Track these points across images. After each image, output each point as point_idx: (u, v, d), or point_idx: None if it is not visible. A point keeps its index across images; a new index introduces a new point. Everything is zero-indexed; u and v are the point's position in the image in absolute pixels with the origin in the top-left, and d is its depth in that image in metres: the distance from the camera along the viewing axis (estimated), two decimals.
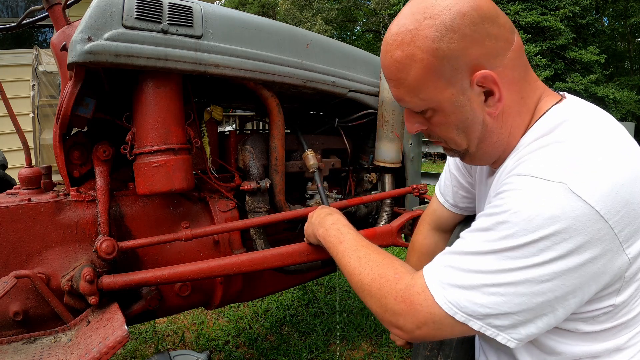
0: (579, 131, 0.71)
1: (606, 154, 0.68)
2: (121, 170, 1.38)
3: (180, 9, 1.22)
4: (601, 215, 0.64)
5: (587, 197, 0.63)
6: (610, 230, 0.65)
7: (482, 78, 0.72)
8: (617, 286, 0.71)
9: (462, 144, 0.81)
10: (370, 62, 1.77)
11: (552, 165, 0.67)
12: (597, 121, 0.74)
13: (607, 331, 0.76)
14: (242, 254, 1.34)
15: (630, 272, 0.70)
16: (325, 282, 3.16)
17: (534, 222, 0.64)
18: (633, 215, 0.66)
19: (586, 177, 0.65)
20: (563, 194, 0.64)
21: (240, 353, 2.25)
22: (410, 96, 0.77)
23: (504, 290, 0.67)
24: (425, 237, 1.27)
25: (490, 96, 0.74)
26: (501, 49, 0.72)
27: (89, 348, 1.02)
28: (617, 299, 0.73)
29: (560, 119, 0.74)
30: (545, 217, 0.64)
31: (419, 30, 0.71)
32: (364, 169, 1.92)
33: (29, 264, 1.18)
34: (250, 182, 1.47)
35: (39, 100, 3.93)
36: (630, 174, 0.67)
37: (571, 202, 0.64)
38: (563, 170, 0.66)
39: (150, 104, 1.24)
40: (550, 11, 14.63)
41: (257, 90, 1.43)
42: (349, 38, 28.13)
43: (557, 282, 0.66)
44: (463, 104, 0.74)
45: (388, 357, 2.20)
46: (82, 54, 1.07)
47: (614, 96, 14.94)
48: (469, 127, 0.77)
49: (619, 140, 0.72)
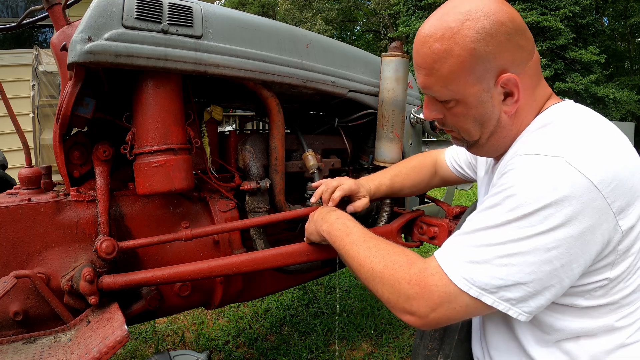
0: (575, 119, 0.81)
1: (598, 136, 0.77)
2: (121, 170, 1.39)
3: (180, 9, 1.22)
4: (595, 186, 0.70)
5: (582, 169, 0.71)
6: (604, 200, 0.71)
7: (507, 80, 0.81)
8: (612, 259, 0.76)
9: (475, 135, 0.89)
10: (370, 62, 1.77)
11: (550, 143, 0.76)
12: (592, 116, 0.83)
13: (602, 307, 0.80)
14: (242, 254, 1.34)
15: (623, 245, 0.75)
16: (325, 282, 3.16)
17: (537, 192, 0.71)
18: (623, 189, 0.73)
19: (581, 152, 0.73)
20: (562, 167, 0.71)
21: (240, 353, 2.25)
22: (439, 85, 0.84)
23: (514, 260, 0.72)
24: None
25: (509, 97, 0.83)
26: (525, 59, 0.82)
27: (89, 348, 1.02)
28: (611, 273, 0.77)
29: (558, 113, 0.84)
30: (547, 188, 0.71)
31: (461, 29, 0.78)
32: (364, 169, 1.92)
33: (29, 264, 1.18)
34: (250, 182, 1.47)
35: (39, 100, 3.92)
36: (619, 153, 0.76)
37: (569, 173, 0.71)
38: (560, 147, 0.74)
39: (150, 104, 1.24)
40: (550, 11, 14.61)
41: (257, 90, 1.43)
42: (349, 38, 28.13)
43: (562, 250, 0.71)
44: (486, 100, 0.83)
45: (388, 357, 2.20)
46: (82, 54, 1.07)
47: (614, 96, 14.93)
48: (486, 121, 0.86)
49: (611, 130, 0.80)
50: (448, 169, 1.38)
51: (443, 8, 0.83)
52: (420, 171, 1.42)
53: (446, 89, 0.84)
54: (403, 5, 17.97)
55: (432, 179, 1.44)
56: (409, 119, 1.92)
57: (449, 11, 0.81)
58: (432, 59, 0.82)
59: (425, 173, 1.43)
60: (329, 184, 1.30)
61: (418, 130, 2.01)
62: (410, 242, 1.71)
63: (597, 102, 15.45)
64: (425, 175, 1.43)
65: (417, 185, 1.44)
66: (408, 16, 17.63)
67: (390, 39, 20.15)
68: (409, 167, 1.43)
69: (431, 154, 1.46)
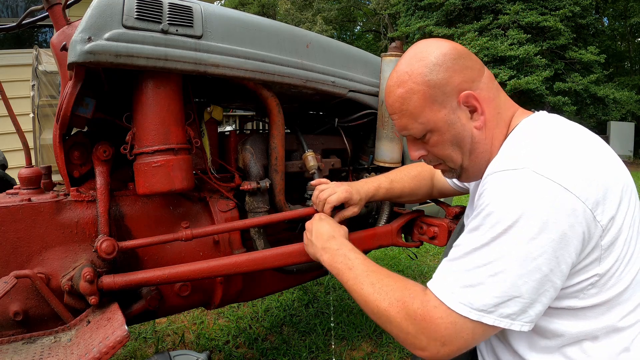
0: (543, 130, 0.87)
1: (564, 141, 0.83)
2: (121, 170, 1.38)
3: (180, 9, 1.22)
4: (564, 187, 0.74)
5: (548, 175, 0.75)
6: (576, 199, 0.74)
7: (466, 97, 0.90)
8: (597, 254, 0.79)
9: (457, 160, 0.96)
10: (370, 62, 1.77)
11: (516, 156, 0.81)
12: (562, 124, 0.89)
13: (599, 307, 0.81)
14: (242, 254, 1.34)
15: (606, 240, 0.78)
16: (325, 282, 3.16)
17: (511, 206, 0.75)
18: (593, 186, 0.76)
19: (545, 159, 0.78)
20: (529, 176, 0.76)
21: (240, 353, 2.25)
22: (412, 123, 0.94)
23: (505, 276, 0.75)
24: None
25: (474, 112, 0.91)
26: (476, 76, 0.92)
27: (89, 348, 1.02)
28: (599, 268, 0.79)
29: (528, 126, 0.90)
30: (519, 199, 0.75)
31: (413, 70, 0.91)
32: (364, 169, 1.92)
33: (29, 264, 1.18)
34: (250, 182, 1.47)
35: (39, 100, 3.92)
36: (585, 154, 0.80)
37: (537, 181, 0.75)
38: (525, 159, 0.79)
39: (150, 104, 1.24)
40: (550, 11, 14.59)
41: (257, 90, 1.43)
42: (349, 38, 28.13)
43: (548, 255, 0.74)
44: (454, 121, 0.92)
45: (388, 357, 2.20)
46: (82, 54, 1.07)
47: (614, 96, 14.91)
48: (461, 140, 0.93)
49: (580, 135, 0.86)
50: (445, 182, 1.40)
51: (398, 63, 0.96)
52: (420, 181, 1.44)
53: (418, 124, 0.93)
54: (403, 5, 17.95)
55: (430, 190, 1.46)
56: None
57: (402, 62, 0.95)
58: (399, 102, 0.94)
59: (424, 184, 1.44)
60: (320, 196, 1.32)
61: None
62: (410, 242, 1.71)
63: (597, 102, 15.44)
64: (424, 185, 1.44)
65: (415, 194, 1.45)
66: (408, 16, 17.62)
67: (390, 39, 20.15)
68: (410, 176, 1.44)
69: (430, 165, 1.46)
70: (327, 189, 1.33)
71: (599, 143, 0.86)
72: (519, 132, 0.90)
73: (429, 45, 0.93)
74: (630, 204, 0.82)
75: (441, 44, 0.92)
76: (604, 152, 0.85)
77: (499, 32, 14.73)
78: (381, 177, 1.43)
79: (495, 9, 15.01)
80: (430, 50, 0.91)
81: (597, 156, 0.82)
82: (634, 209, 0.83)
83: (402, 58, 0.96)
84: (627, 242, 0.81)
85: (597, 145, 0.85)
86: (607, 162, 0.82)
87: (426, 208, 1.96)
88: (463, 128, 0.92)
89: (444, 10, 15.89)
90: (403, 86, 0.92)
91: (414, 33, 17.08)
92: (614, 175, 0.81)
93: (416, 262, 3.69)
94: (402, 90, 0.92)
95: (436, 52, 0.90)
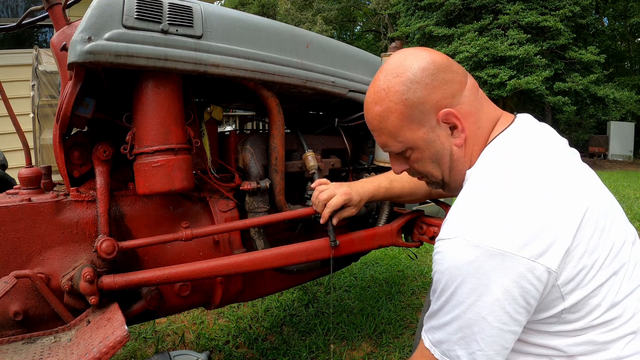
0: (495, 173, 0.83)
1: (509, 194, 0.78)
2: (121, 170, 1.38)
3: (180, 9, 1.22)
4: (496, 248, 0.74)
5: (479, 241, 0.75)
6: (512, 256, 0.74)
7: (445, 115, 0.87)
8: (557, 294, 0.78)
9: (438, 175, 0.96)
10: (370, 62, 1.77)
11: (453, 224, 0.81)
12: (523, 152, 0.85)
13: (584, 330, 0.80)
14: (242, 254, 1.35)
15: (563, 279, 0.77)
16: (325, 282, 3.17)
17: (450, 274, 0.78)
18: (535, 236, 0.74)
19: (475, 225, 0.77)
20: (460, 245, 0.77)
21: (240, 353, 2.25)
22: (391, 140, 0.93)
23: (465, 335, 0.78)
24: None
25: (455, 129, 0.89)
26: (457, 90, 0.88)
27: (89, 348, 1.02)
28: (565, 303, 0.79)
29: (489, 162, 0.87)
30: (454, 268, 0.77)
31: (390, 87, 0.88)
32: (364, 169, 1.92)
33: (29, 264, 1.18)
34: (250, 182, 1.47)
35: (39, 100, 3.92)
36: (533, 200, 0.77)
37: (468, 248, 0.76)
38: (458, 226, 0.79)
39: (150, 104, 1.24)
40: (550, 11, 14.60)
41: (257, 90, 1.43)
42: (349, 38, 28.13)
43: (497, 312, 0.76)
44: (433, 139, 0.90)
45: (388, 357, 2.20)
46: (82, 54, 1.07)
47: (614, 96, 14.92)
48: (440, 158, 0.92)
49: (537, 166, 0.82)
50: None
51: (377, 75, 0.93)
52: (419, 181, 1.43)
53: (397, 142, 0.92)
54: (403, 5, 17.96)
55: (429, 190, 1.45)
56: None
57: (379, 77, 0.92)
58: (377, 120, 0.92)
59: (423, 184, 1.44)
60: (320, 197, 1.33)
61: None
62: (410, 242, 1.71)
63: (597, 102, 15.44)
64: (423, 185, 1.43)
65: (415, 194, 1.45)
66: (408, 16, 17.62)
67: (390, 39, 20.15)
68: (409, 176, 1.43)
69: None
70: (326, 191, 1.33)
71: (563, 163, 0.84)
72: (485, 164, 0.87)
73: (407, 59, 0.89)
74: (596, 227, 0.79)
75: (419, 58, 0.88)
76: (566, 175, 0.82)
77: (499, 32, 14.74)
78: (381, 177, 1.43)
79: (495, 9, 15.02)
80: (407, 64, 0.88)
81: (553, 190, 0.78)
82: (601, 230, 0.80)
83: (379, 71, 0.93)
84: (597, 267, 0.79)
85: (559, 169, 0.82)
86: (564, 194, 0.78)
87: (426, 208, 1.96)
88: (442, 146, 0.91)
89: (444, 10, 15.90)
90: (380, 104, 0.90)
91: (414, 33, 17.10)
92: (571, 207, 0.78)
93: (416, 262, 3.69)
94: (380, 109, 0.90)
95: (414, 66, 0.87)
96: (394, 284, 3.17)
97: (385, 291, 3.02)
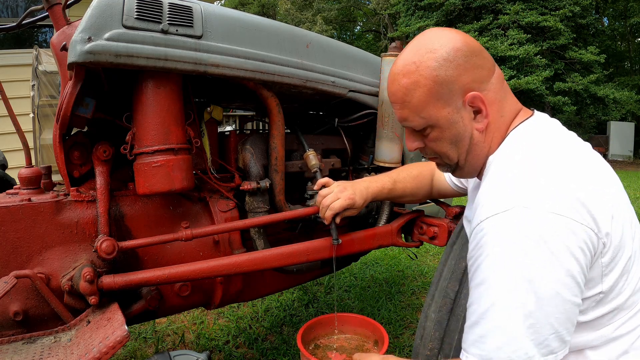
0: (528, 152, 0.84)
1: (556, 164, 0.80)
2: (121, 170, 1.38)
3: (180, 9, 1.22)
4: (558, 214, 0.73)
5: (539, 207, 0.74)
6: (569, 221, 0.73)
7: (472, 98, 0.87)
8: (598, 272, 0.78)
9: (453, 157, 0.95)
10: (370, 62, 1.77)
11: (508, 193, 0.79)
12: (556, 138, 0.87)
13: (600, 318, 0.81)
14: (242, 254, 1.35)
15: (606, 258, 0.78)
16: (325, 282, 3.16)
17: (515, 249, 0.73)
18: (586, 206, 0.75)
19: (532, 190, 0.76)
20: (522, 213, 0.74)
21: (240, 353, 2.25)
22: (413, 115, 0.91)
23: (536, 320, 0.73)
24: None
25: (478, 114, 0.89)
26: (485, 77, 0.89)
27: (89, 348, 1.02)
28: (603, 286, 0.79)
29: (523, 141, 0.88)
30: (521, 241, 0.73)
31: (422, 61, 0.87)
32: (364, 169, 1.92)
33: (29, 264, 1.18)
34: (250, 182, 1.47)
35: (39, 100, 3.92)
36: (576, 175, 0.78)
37: (532, 217, 0.74)
38: (516, 195, 0.77)
39: (150, 104, 1.24)
40: (550, 11, 14.59)
41: (257, 90, 1.43)
42: (349, 38, 28.13)
43: (570, 284, 0.73)
44: (457, 120, 0.89)
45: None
46: (82, 54, 1.07)
47: (614, 96, 14.91)
48: (460, 140, 0.92)
49: (574, 152, 0.84)
50: (445, 182, 1.40)
51: (406, 48, 0.92)
52: (420, 181, 1.43)
53: (419, 117, 0.90)
54: (403, 5, 17.96)
55: (430, 191, 1.46)
56: None
57: (411, 49, 0.90)
58: (402, 92, 0.90)
59: (425, 184, 1.44)
60: (324, 202, 1.31)
61: None
62: (410, 242, 1.71)
63: (597, 102, 15.43)
64: (425, 186, 1.44)
65: (416, 194, 1.45)
66: (408, 16, 17.62)
67: (390, 39, 20.14)
68: (412, 176, 1.43)
69: (430, 165, 1.46)
70: (330, 195, 1.32)
71: (588, 156, 0.85)
72: (515, 146, 0.88)
73: (442, 37, 0.87)
74: (625, 218, 0.81)
75: (454, 37, 0.87)
76: (594, 166, 0.83)
77: (499, 32, 14.73)
78: (385, 178, 1.42)
79: (495, 9, 15.01)
80: (442, 42, 0.86)
81: (585, 173, 0.80)
82: (630, 221, 0.83)
83: (410, 44, 0.91)
84: (628, 256, 0.81)
85: (586, 159, 0.84)
86: (595, 179, 0.80)
87: (426, 208, 1.96)
88: (464, 128, 0.90)
89: (444, 10, 15.89)
90: (409, 77, 0.88)
91: (414, 33, 17.06)
92: (603, 192, 0.79)
93: (416, 262, 3.69)
94: (407, 81, 0.88)
95: (448, 45, 0.86)
96: (394, 284, 3.17)
97: (385, 291, 3.02)
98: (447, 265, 1.28)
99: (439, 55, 0.86)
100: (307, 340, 1.37)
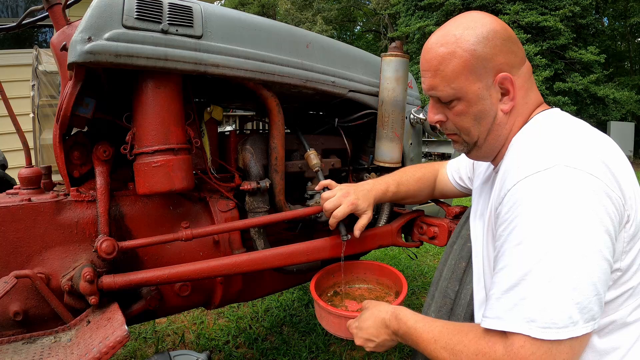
0: (559, 124, 0.89)
1: (583, 134, 0.85)
2: (121, 170, 1.38)
3: (180, 9, 1.22)
4: (595, 176, 0.76)
5: (580, 166, 0.76)
6: (604, 185, 0.76)
7: (503, 79, 0.90)
8: (620, 248, 0.79)
9: (474, 134, 0.96)
10: (370, 62, 1.77)
11: (542, 155, 0.81)
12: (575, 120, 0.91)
13: (612, 302, 0.81)
14: (242, 254, 1.34)
15: (629, 233, 0.80)
16: None
17: (558, 207, 0.74)
18: (615, 178, 0.78)
19: (571, 151, 0.79)
20: (563, 171, 0.76)
21: (240, 353, 2.25)
22: (444, 85, 0.93)
23: (579, 282, 0.72)
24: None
25: (505, 95, 0.92)
26: (518, 63, 0.92)
27: (89, 348, 1.02)
28: (622, 263, 0.80)
29: (545, 119, 0.92)
30: (560, 198, 0.74)
31: (462, 35, 0.90)
32: (364, 169, 1.92)
33: (29, 264, 1.18)
34: (250, 182, 1.47)
35: (39, 100, 3.92)
36: (601, 145, 0.83)
37: (572, 173, 0.76)
38: (552, 155, 0.79)
39: (150, 104, 1.24)
40: (550, 11, 14.60)
41: (257, 90, 1.43)
42: (349, 38, 28.12)
43: (607, 241, 0.74)
44: (485, 97, 0.92)
45: (388, 357, 2.20)
46: (82, 54, 1.07)
47: (614, 96, 14.92)
48: (484, 118, 0.94)
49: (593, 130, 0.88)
50: (448, 183, 1.40)
51: (446, 24, 0.96)
52: (423, 183, 1.44)
53: (449, 88, 0.92)
54: (403, 5, 17.96)
55: (432, 192, 1.46)
56: (409, 119, 1.92)
57: (451, 24, 0.94)
58: (437, 61, 0.92)
59: (427, 186, 1.45)
60: (326, 207, 1.30)
61: (418, 130, 2.01)
62: (411, 242, 1.71)
63: (597, 102, 15.43)
64: (427, 187, 1.45)
65: (418, 196, 1.45)
66: (408, 16, 17.62)
67: (390, 39, 20.14)
68: (415, 178, 1.43)
69: (433, 166, 1.47)
70: (332, 199, 1.31)
71: (609, 141, 0.88)
72: (538, 124, 0.91)
73: (483, 18, 0.92)
74: None
75: (495, 21, 0.92)
76: (618, 151, 0.86)
77: None
78: (388, 180, 1.42)
79: (495, 9, 15.01)
80: (483, 22, 0.91)
81: (612, 150, 0.84)
82: None
83: (450, 21, 0.95)
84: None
85: (611, 143, 0.87)
86: (622, 160, 0.84)
87: (426, 208, 1.96)
88: (490, 107, 0.92)
89: (444, 10, 15.89)
90: (447, 47, 0.90)
91: (414, 33, 17.09)
92: (628, 173, 0.82)
93: (416, 262, 3.69)
94: (445, 50, 0.90)
95: (489, 26, 0.90)
96: None
97: None
98: (447, 265, 1.28)
99: (479, 32, 0.89)
100: (326, 287, 1.34)
